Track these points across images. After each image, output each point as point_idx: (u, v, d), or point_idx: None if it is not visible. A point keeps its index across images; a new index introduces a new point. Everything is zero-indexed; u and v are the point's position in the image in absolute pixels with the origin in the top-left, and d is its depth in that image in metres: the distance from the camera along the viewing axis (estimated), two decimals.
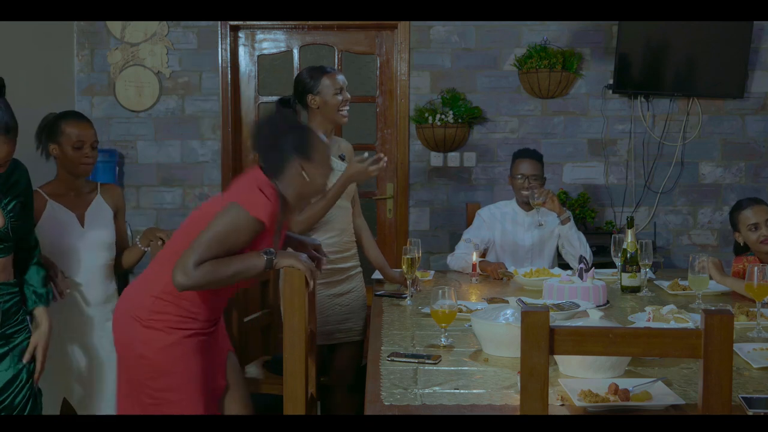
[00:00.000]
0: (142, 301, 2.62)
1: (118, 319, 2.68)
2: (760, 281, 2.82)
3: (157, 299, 2.59)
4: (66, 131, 3.13)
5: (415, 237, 3.75)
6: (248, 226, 2.52)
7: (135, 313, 2.61)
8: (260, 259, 2.56)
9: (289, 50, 5.28)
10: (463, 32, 5.15)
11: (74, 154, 3.13)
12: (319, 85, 3.45)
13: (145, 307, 2.60)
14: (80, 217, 3.16)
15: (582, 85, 5.18)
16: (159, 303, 2.59)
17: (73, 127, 3.14)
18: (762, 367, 2.39)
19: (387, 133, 5.27)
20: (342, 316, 3.56)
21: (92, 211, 3.20)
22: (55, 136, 3.14)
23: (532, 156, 4.12)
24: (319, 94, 3.45)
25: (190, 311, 2.62)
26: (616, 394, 2.07)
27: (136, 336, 2.60)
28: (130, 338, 2.62)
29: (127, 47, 5.15)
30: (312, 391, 2.90)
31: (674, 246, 5.27)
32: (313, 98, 3.46)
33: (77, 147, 3.12)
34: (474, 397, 2.17)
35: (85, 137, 3.15)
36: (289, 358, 2.68)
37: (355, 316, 3.61)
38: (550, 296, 3.24)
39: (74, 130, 3.13)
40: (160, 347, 2.59)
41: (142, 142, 5.19)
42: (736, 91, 5.13)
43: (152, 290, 2.61)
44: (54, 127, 3.15)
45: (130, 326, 2.61)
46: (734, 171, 5.24)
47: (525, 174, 4.07)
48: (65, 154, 3.13)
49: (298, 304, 2.67)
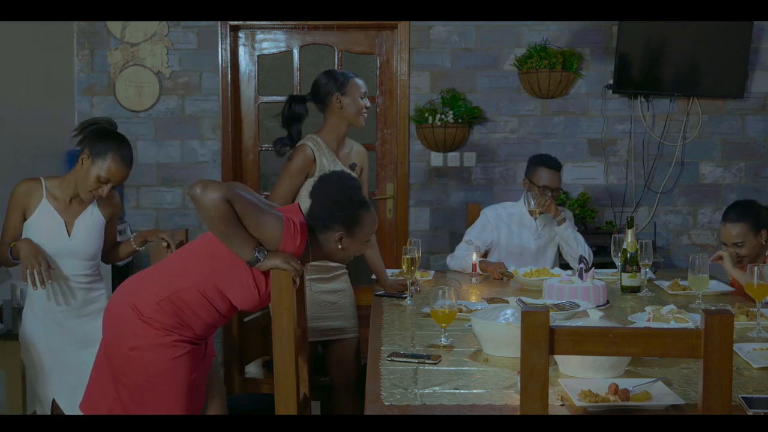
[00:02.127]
0: (146, 299, 2.63)
1: (114, 309, 2.68)
2: (760, 281, 2.82)
3: (162, 302, 2.61)
4: (107, 159, 2.97)
5: (415, 237, 3.75)
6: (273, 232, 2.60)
7: (136, 306, 2.63)
8: (250, 252, 2.59)
9: (289, 50, 5.28)
10: (463, 32, 5.15)
11: (94, 184, 3.00)
12: (347, 86, 3.53)
13: (149, 305, 2.62)
14: (68, 225, 3.08)
15: (582, 85, 5.18)
16: (163, 306, 2.61)
17: (115, 163, 2.97)
18: (762, 367, 2.39)
19: (387, 133, 5.28)
20: (332, 313, 3.58)
21: (82, 220, 3.11)
22: (96, 153, 2.97)
23: (554, 167, 4.03)
24: (347, 95, 3.52)
25: (188, 322, 2.65)
26: (616, 394, 2.07)
27: (131, 328, 2.62)
28: (124, 329, 2.64)
29: (127, 47, 5.15)
30: (305, 391, 2.89)
31: (674, 246, 5.27)
32: (340, 98, 3.51)
33: (103, 182, 3.00)
34: (474, 397, 2.17)
35: (115, 180, 3.01)
36: (279, 357, 2.66)
37: (346, 314, 3.63)
38: (550, 296, 3.24)
39: (112, 168, 2.97)
40: (154, 344, 2.61)
41: (142, 142, 5.19)
42: (736, 91, 5.13)
43: (159, 293, 2.63)
44: (103, 144, 2.98)
45: (127, 317, 2.63)
46: (734, 171, 5.24)
47: (548, 186, 3.99)
48: (88, 175, 2.99)
49: (286, 304, 2.65)
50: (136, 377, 2.62)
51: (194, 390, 2.70)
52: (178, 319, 2.63)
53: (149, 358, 2.60)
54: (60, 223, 3.07)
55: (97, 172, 2.97)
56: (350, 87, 3.53)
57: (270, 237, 2.60)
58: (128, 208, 5.22)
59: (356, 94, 3.53)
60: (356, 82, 3.55)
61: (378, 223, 2.90)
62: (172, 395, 2.62)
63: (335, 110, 3.53)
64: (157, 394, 2.62)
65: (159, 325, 2.61)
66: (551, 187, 4.01)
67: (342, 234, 2.70)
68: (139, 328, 2.61)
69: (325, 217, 2.70)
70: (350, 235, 2.71)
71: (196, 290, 2.63)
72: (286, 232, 2.61)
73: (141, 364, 2.61)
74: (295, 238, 2.62)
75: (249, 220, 2.58)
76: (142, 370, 2.61)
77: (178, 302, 2.62)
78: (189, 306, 2.63)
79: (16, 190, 3.06)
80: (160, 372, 2.61)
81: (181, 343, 2.63)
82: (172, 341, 2.61)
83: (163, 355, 2.61)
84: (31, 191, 3.06)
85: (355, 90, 3.53)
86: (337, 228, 2.69)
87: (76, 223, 3.10)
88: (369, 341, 2.78)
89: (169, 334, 2.61)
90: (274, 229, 2.60)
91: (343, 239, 2.71)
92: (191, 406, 2.69)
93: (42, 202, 3.06)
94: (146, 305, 2.62)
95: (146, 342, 2.60)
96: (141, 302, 2.63)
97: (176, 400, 2.63)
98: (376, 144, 5.28)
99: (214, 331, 2.80)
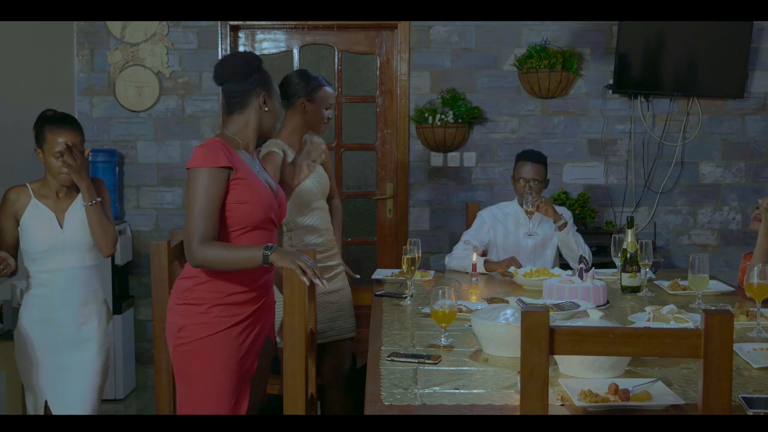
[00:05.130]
0: (180, 284, 2.70)
1: (169, 310, 2.73)
2: (760, 281, 2.82)
3: (190, 279, 2.66)
4: (48, 138, 3.06)
5: (415, 237, 3.75)
6: (212, 178, 2.57)
7: (177, 295, 2.69)
8: (259, 252, 2.58)
9: (289, 50, 5.28)
10: (463, 32, 5.15)
11: (54, 163, 3.06)
12: (316, 94, 3.52)
13: (183, 288, 2.68)
14: (60, 218, 3.12)
15: (582, 85, 5.18)
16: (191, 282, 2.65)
17: (57, 134, 3.05)
18: (762, 367, 2.39)
19: (387, 133, 5.27)
20: (332, 314, 3.60)
21: (72, 212, 3.14)
22: (40, 141, 3.08)
23: (534, 159, 4.07)
24: (313, 102, 3.52)
25: (223, 289, 2.64)
26: (616, 394, 2.07)
27: (177, 312, 2.66)
28: (173, 317, 2.68)
29: (127, 47, 5.15)
30: (312, 390, 2.90)
31: (674, 246, 5.27)
32: (305, 103, 3.52)
33: (58, 155, 3.05)
34: (474, 397, 2.17)
35: (68, 141, 3.05)
36: (289, 357, 2.68)
37: (344, 314, 3.65)
38: (550, 296, 3.23)
39: (56, 138, 3.05)
40: (197, 321, 2.62)
41: (142, 142, 5.19)
42: (736, 91, 5.13)
43: (187, 272, 2.69)
44: (40, 130, 3.09)
45: (174, 309, 2.69)
46: (734, 171, 5.24)
47: (526, 178, 4.03)
48: (47, 161, 3.08)
49: (298, 304, 2.67)
50: (191, 363, 2.62)
51: (240, 364, 2.66)
52: (213, 286, 2.63)
53: (195, 331, 2.62)
54: (51, 216, 3.11)
55: (50, 153, 3.05)
56: (319, 96, 3.52)
57: (217, 181, 2.58)
58: (128, 207, 5.22)
59: (322, 105, 3.52)
60: (326, 91, 3.54)
61: (377, 221, 2.90)
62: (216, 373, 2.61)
63: (298, 113, 3.53)
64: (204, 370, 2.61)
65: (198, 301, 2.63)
66: (530, 179, 4.02)
67: (264, 94, 2.76)
68: (182, 310, 2.66)
69: (244, 88, 2.75)
70: (270, 93, 2.78)
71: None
72: (199, 163, 2.58)
73: (189, 341, 2.62)
74: (206, 153, 2.60)
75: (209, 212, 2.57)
76: (192, 348, 2.62)
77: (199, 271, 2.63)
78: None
79: (4, 198, 3.12)
80: (205, 348, 2.61)
81: (223, 318, 2.63)
82: (215, 317, 2.62)
83: (207, 327, 2.62)
84: (19, 196, 3.12)
85: (322, 101, 3.52)
86: (257, 91, 2.75)
87: (67, 215, 3.14)
88: (369, 341, 2.78)
89: (210, 310, 2.62)
90: (204, 180, 2.57)
91: (267, 100, 2.77)
92: (239, 383, 2.66)
93: (31, 201, 3.11)
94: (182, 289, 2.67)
95: (190, 319, 2.63)
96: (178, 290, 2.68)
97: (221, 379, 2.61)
98: (376, 144, 5.28)
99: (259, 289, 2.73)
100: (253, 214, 2.64)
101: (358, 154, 5.33)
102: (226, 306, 2.64)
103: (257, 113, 2.75)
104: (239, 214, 2.63)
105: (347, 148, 5.28)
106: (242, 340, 2.66)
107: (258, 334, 2.74)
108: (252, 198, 2.63)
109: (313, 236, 3.54)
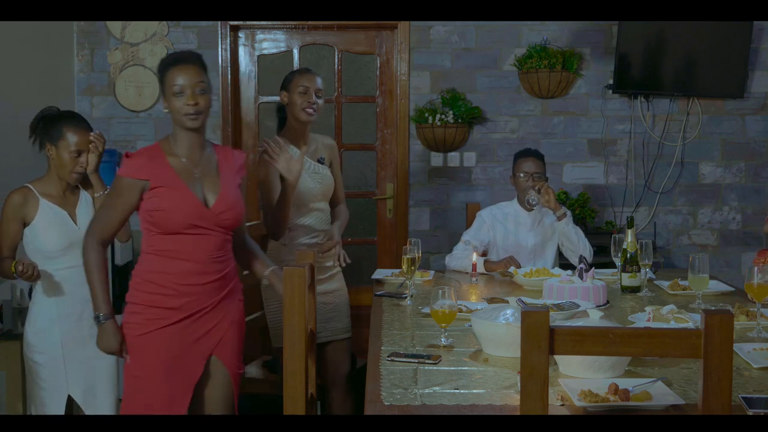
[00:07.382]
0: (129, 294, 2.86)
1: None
2: (760, 281, 2.82)
3: (133, 278, 2.83)
4: (67, 136, 3.09)
5: (415, 237, 3.75)
6: (123, 188, 2.74)
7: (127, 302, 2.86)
8: (96, 310, 2.78)
9: (289, 50, 5.28)
10: (463, 32, 5.15)
11: (71, 162, 3.10)
12: (290, 83, 3.54)
13: (129, 295, 2.84)
14: (72, 215, 3.15)
15: (582, 85, 5.18)
16: (132, 281, 2.82)
17: (75, 133, 3.10)
18: (762, 367, 2.39)
19: (387, 133, 5.28)
20: (327, 315, 3.59)
21: (81, 207, 3.18)
22: (54, 139, 3.10)
23: (534, 155, 4.13)
24: (290, 91, 3.53)
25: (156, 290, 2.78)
26: (616, 394, 2.07)
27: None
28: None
29: (127, 47, 5.15)
30: (312, 390, 2.90)
31: (674, 246, 5.27)
32: (286, 95, 3.54)
33: (75, 155, 3.10)
34: (474, 397, 2.17)
35: (84, 146, 3.11)
36: (289, 357, 2.68)
37: (339, 315, 3.64)
38: (550, 296, 3.23)
39: (75, 138, 3.10)
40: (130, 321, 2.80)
41: (142, 142, 5.18)
42: (736, 91, 5.13)
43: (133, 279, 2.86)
44: (55, 128, 3.11)
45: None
46: (734, 171, 5.24)
47: (528, 172, 4.06)
48: (61, 159, 3.10)
49: (297, 304, 2.67)
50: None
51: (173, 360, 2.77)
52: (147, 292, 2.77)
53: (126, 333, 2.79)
54: (64, 215, 3.13)
55: (67, 151, 3.09)
56: (292, 84, 3.53)
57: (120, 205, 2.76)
58: None
59: (295, 91, 3.51)
60: (297, 78, 3.54)
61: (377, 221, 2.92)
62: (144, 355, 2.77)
63: (287, 107, 3.56)
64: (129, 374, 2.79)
65: (136, 300, 2.80)
66: (533, 173, 4.05)
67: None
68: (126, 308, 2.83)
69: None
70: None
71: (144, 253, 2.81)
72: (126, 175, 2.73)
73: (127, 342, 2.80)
74: (140, 168, 2.73)
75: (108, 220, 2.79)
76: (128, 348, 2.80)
77: (142, 272, 2.79)
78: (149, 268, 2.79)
79: (9, 202, 3.10)
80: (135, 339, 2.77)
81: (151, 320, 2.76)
82: (143, 319, 2.77)
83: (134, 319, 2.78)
84: (26, 198, 3.10)
85: (295, 87, 3.51)
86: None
87: (78, 212, 3.17)
88: (369, 341, 2.78)
89: (145, 310, 2.76)
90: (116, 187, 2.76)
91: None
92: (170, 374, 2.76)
93: (41, 203, 3.10)
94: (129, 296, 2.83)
95: (127, 318, 2.81)
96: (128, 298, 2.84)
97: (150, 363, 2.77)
98: (376, 144, 5.28)
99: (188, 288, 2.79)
100: (171, 220, 2.73)
101: (358, 154, 5.33)
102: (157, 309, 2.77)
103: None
104: (157, 219, 2.74)
105: (347, 148, 5.28)
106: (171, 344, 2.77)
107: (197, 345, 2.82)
108: (170, 206, 2.72)
109: (307, 237, 3.53)
